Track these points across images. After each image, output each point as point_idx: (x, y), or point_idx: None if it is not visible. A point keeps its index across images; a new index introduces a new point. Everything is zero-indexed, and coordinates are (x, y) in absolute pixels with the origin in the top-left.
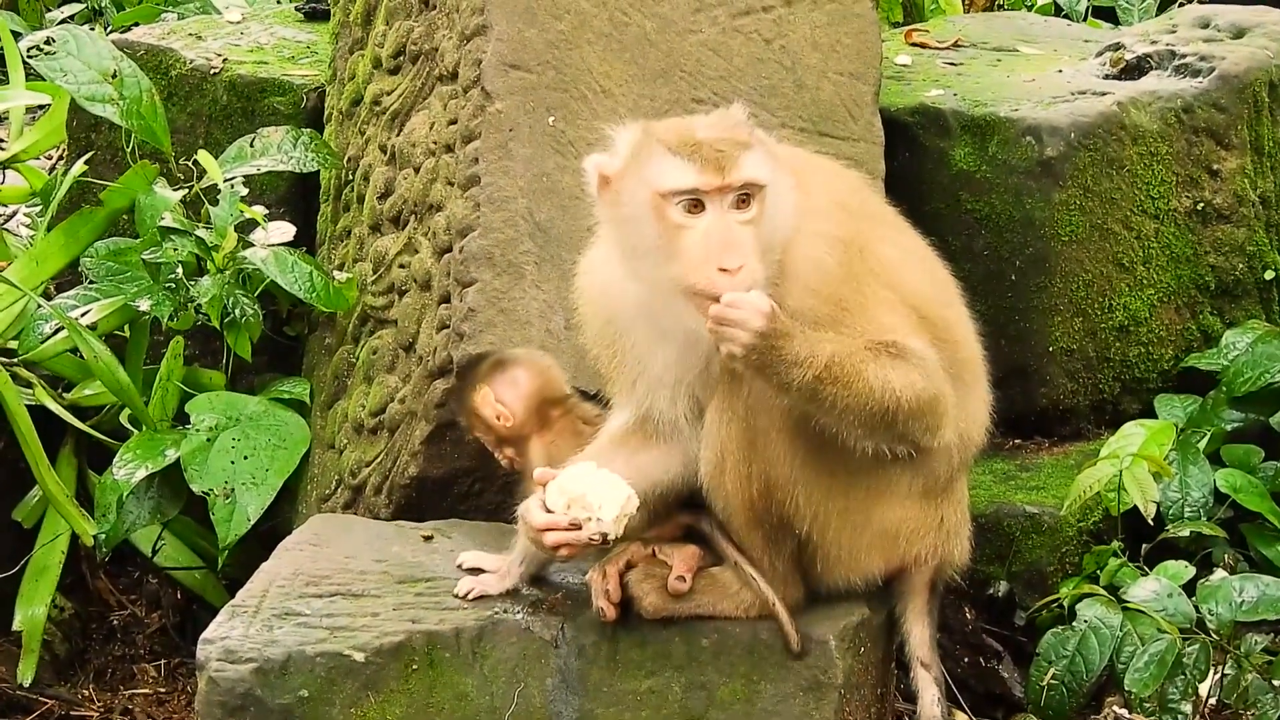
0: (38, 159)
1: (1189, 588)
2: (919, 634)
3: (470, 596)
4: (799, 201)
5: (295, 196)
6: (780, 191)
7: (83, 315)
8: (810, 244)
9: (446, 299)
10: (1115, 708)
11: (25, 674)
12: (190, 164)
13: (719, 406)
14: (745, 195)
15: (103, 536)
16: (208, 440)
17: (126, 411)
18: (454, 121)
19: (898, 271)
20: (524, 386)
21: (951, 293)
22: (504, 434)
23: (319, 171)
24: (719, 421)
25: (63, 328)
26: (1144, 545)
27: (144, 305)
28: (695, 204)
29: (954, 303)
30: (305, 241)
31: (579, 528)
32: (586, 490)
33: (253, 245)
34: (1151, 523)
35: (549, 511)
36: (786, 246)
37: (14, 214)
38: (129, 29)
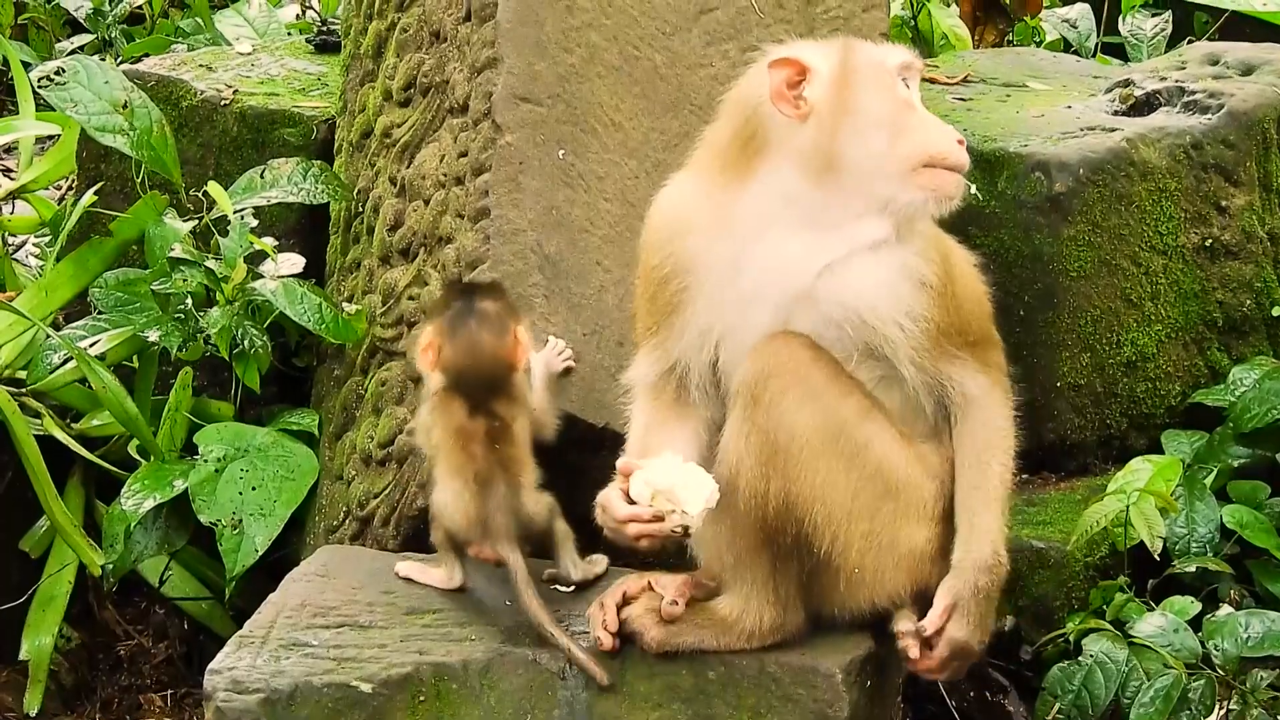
0: (47, 189)
1: (1195, 623)
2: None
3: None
4: None
5: (305, 228)
6: None
7: (91, 345)
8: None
9: None
10: None
11: (32, 704)
12: (200, 195)
13: (739, 418)
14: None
15: (110, 566)
16: (216, 471)
17: (135, 442)
18: (464, 154)
19: (972, 277)
20: (448, 372)
21: None
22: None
23: (329, 203)
24: (738, 434)
25: (71, 358)
26: (1150, 580)
27: (153, 336)
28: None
29: None
30: (314, 273)
31: (661, 519)
32: (675, 485)
33: (262, 276)
34: (1158, 558)
35: (632, 503)
36: None
37: (23, 244)
38: (139, 59)
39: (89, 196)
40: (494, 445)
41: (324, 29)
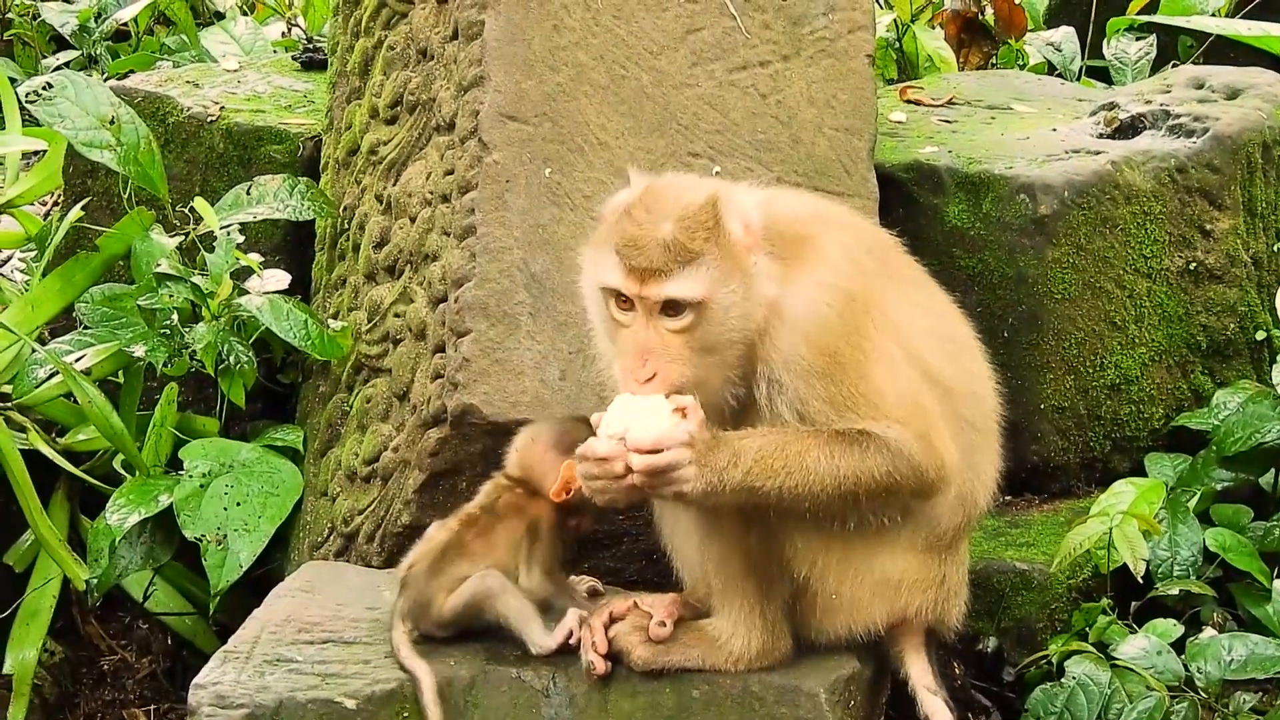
0: (33, 204)
1: (1178, 646)
2: (920, 666)
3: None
4: (807, 255)
5: (291, 244)
6: (732, 292)
7: (77, 360)
8: (812, 292)
9: (441, 348)
10: None
11: (15, 718)
12: (186, 211)
13: None
14: (672, 306)
15: (94, 581)
16: (201, 486)
17: (120, 457)
18: (450, 172)
19: (908, 330)
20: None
21: (967, 352)
22: (559, 502)
23: (315, 220)
24: None
25: (57, 372)
26: (1133, 603)
27: (139, 351)
28: (627, 301)
29: (969, 362)
30: (300, 289)
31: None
32: (640, 412)
33: (248, 292)
34: (1141, 581)
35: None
36: (785, 293)
37: (9, 259)
38: (125, 76)
39: (75, 212)
40: (464, 529)
41: (310, 46)
